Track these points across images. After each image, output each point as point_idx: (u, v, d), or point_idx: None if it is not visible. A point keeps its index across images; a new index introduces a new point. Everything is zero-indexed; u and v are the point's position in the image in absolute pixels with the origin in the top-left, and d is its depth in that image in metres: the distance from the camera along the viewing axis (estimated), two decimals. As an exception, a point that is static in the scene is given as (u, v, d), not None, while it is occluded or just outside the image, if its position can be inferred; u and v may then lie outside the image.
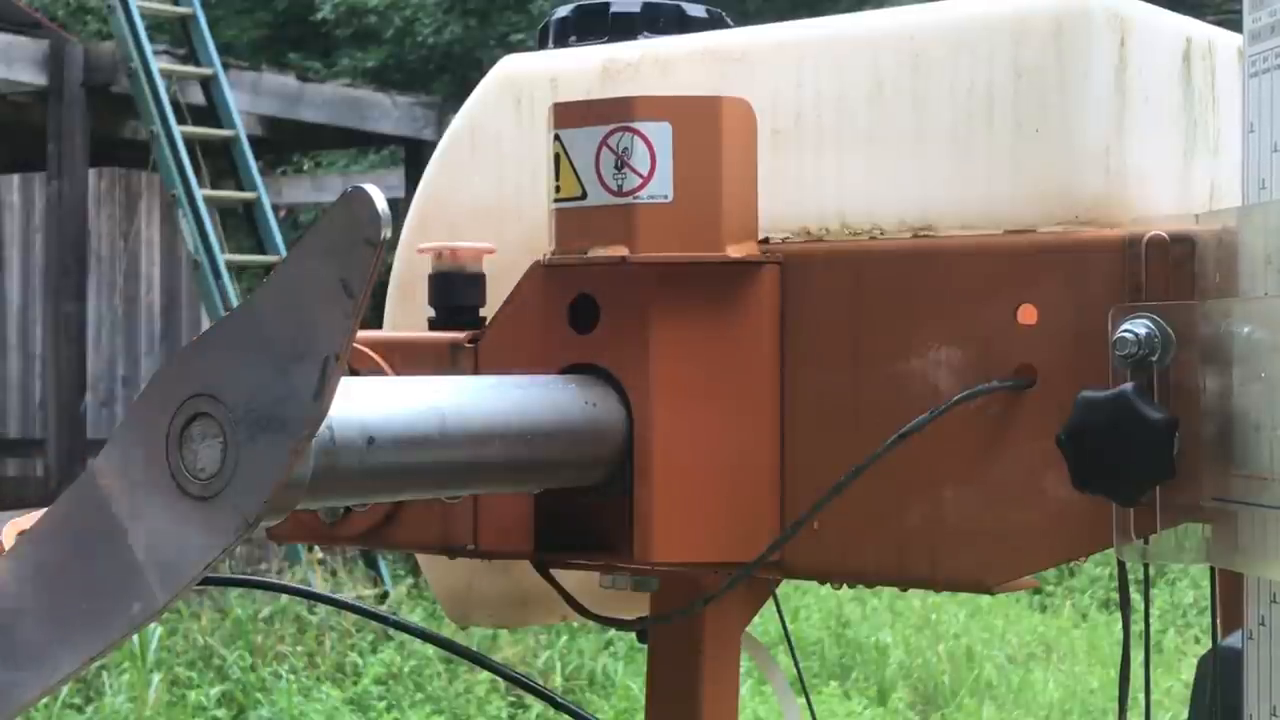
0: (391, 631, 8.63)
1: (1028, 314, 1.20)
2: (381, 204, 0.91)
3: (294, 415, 0.92)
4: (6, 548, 1.49)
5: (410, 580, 9.84)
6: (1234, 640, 1.17)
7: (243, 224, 11.47)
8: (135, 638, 7.66)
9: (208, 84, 10.87)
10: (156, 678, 7.84)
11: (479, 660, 1.52)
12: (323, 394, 0.91)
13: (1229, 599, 1.21)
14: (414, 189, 1.59)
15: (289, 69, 14.33)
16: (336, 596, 1.70)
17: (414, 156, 12.92)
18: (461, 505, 1.35)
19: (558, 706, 1.56)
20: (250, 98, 11.82)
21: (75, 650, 0.93)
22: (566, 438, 1.25)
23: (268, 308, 0.93)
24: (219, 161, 10.97)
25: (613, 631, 4.92)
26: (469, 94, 1.56)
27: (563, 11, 1.55)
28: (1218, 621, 1.36)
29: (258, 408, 0.92)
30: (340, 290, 0.91)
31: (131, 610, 0.93)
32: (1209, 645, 1.37)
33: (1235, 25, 1.30)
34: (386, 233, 0.91)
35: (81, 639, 0.93)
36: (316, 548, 9.50)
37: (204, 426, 0.95)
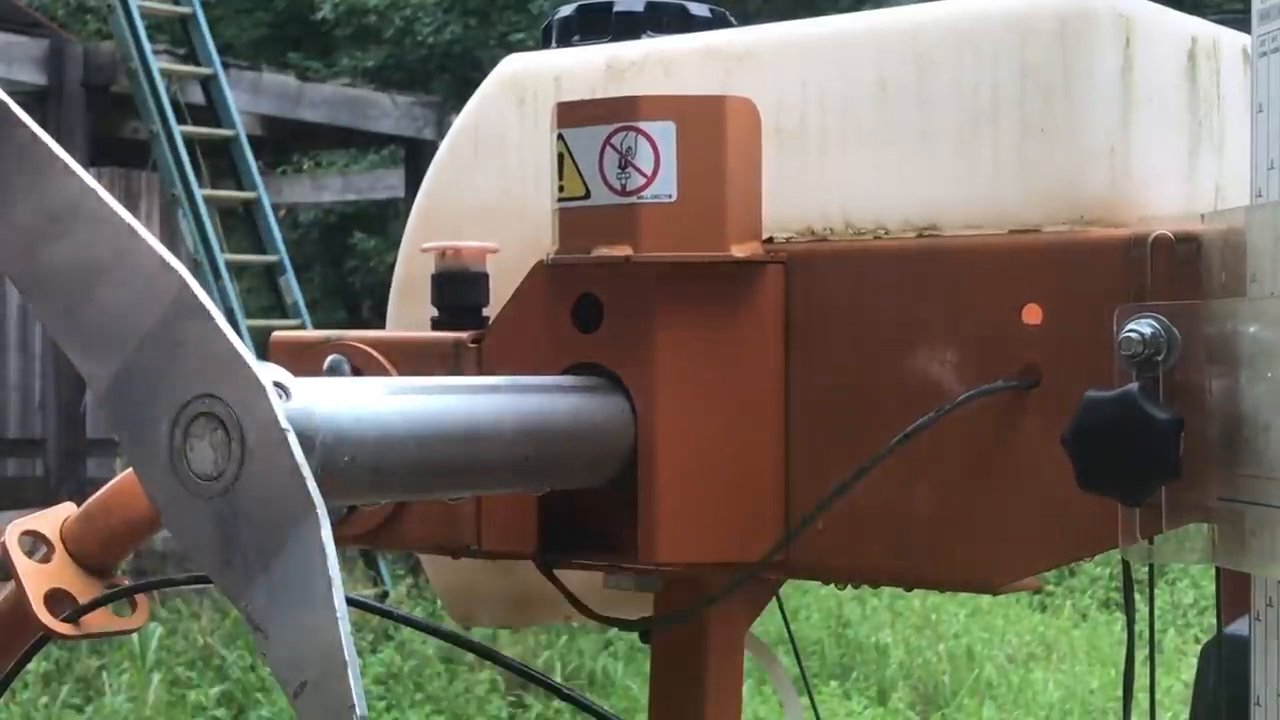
0: (391, 631, 8.63)
1: (1032, 314, 1.20)
2: None
3: None
4: (10, 548, 1.50)
5: (410, 580, 9.84)
6: (1236, 628, 1.17)
7: (243, 224, 11.47)
8: (135, 638, 7.66)
9: (208, 84, 10.87)
10: (156, 678, 7.85)
11: (489, 655, 1.51)
12: None
13: (1233, 589, 1.21)
14: (414, 189, 1.59)
15: (289, 69, 14.32)
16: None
17: (414, 156, 12.92)
18: (465, 506, 1.34)
19: (565, 698, 1.55)
20: (250, 97, 11.82)
21: None
22: (570, 439, 1.25)
23: None
24: (219, 161, 10.98)
25: (613, 631, 4.91)
26: (469, 94, 1.56)
27: (566, 10, 1.55)
28: (1221, 609, 1.36)
29: None
30: None
31: None
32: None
33: (1237, 25, 1.30)
34: None
35: None
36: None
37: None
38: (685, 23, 1.51)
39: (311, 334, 1.45)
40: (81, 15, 19.57)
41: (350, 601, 0.96)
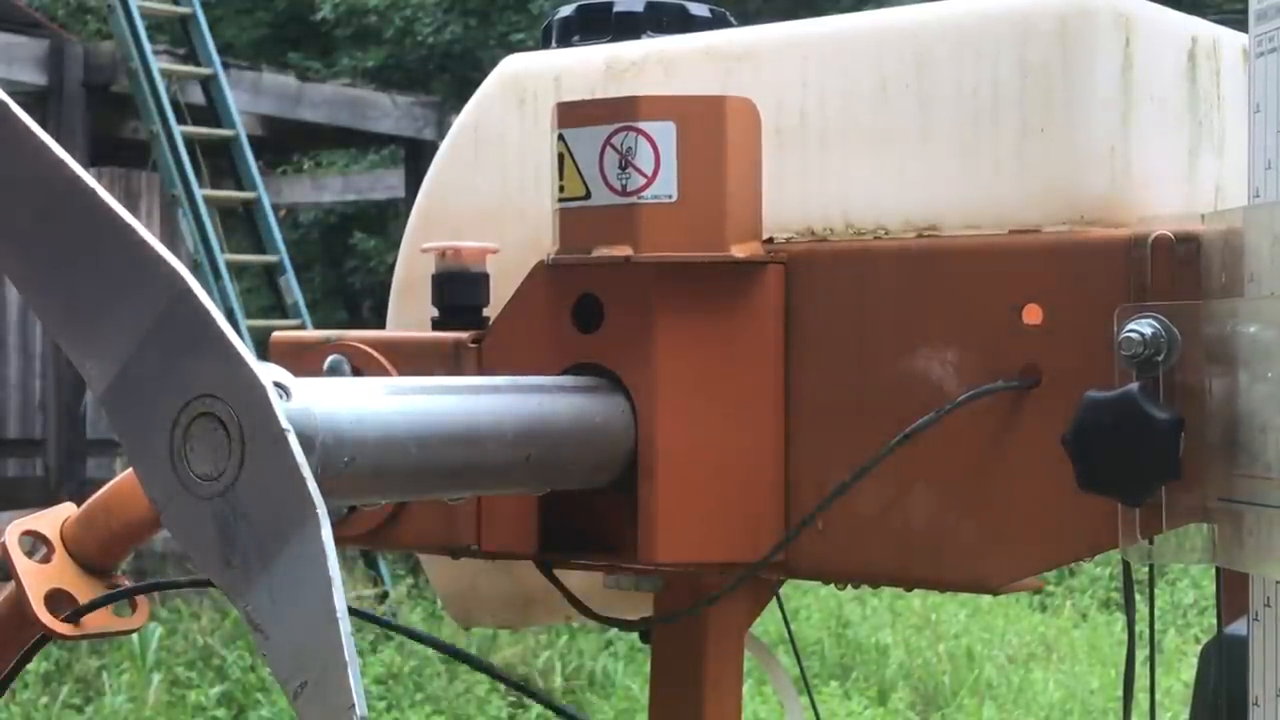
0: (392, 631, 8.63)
1: (1033, 314, 1.20)
2: None
3: None
4: (10, 548, 1.50)
5: (410, 580, 9.84)
6: (1236, 628, 1.17)
7: (243, 224, 11.47)
8: (135, 638, 7.66)
9: (208, 84, 10.87)
10: (156, 678, 7.85)
11: (485, 668, 1.52)
12: None
13: (1233, 589, 1.21)
14: (414, 189, 1.59)
15: (289, 69, 14.32)
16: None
17: (414, 156, 12.92)
18: (465, 506, 1.34)
19: (553, 709, 1.56)
20: (250, 98, 11.82)
21: None
22: (571, 439, 1.25)
23: None
24: (219, 161, 10.97)
25: (613, 632, 4.91)
26: (469, 94, 1.56)
27: (566, 10, 1.55)
28: (1221, 609, 1.36)
29: None
30: None
31: None
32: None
33: (1237, 25, 1.30)
34: None
35: None
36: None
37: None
38: (685, 23, 1.51)
39: (311, 334, 1.45)
40: (81, 15, 19.57)
41: (349, 612, 0.96)
